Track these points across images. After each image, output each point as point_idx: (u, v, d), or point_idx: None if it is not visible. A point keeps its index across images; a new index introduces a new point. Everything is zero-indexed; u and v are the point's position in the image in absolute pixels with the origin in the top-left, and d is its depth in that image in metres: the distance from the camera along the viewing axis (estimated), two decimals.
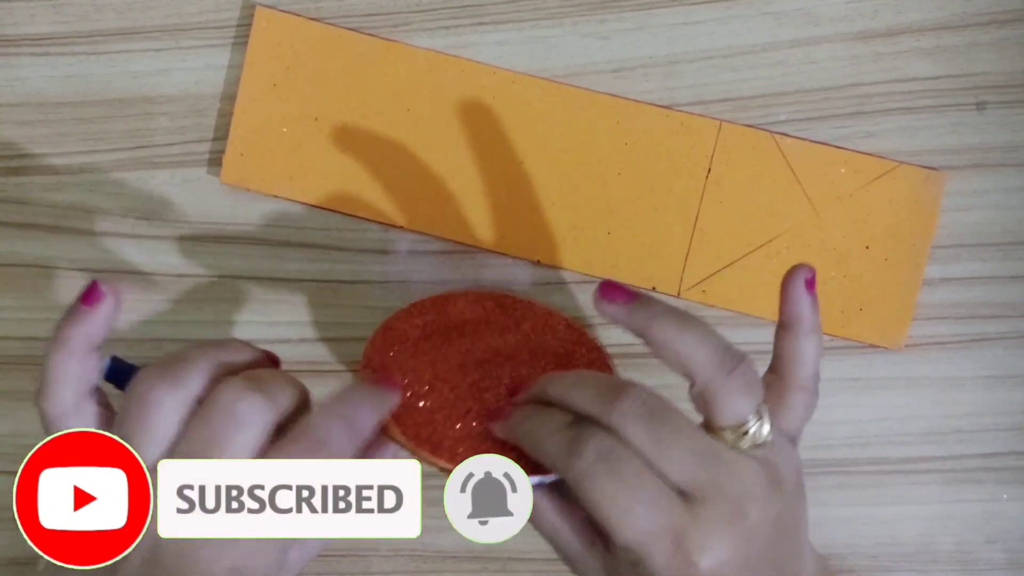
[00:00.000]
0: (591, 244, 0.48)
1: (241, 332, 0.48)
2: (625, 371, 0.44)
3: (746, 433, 0.37)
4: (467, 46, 0.48)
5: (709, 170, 0.48)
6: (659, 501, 0.35)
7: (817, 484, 0.48)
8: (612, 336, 0.48)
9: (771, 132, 0.48)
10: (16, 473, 0.48)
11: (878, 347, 0.48)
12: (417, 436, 0.38)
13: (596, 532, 0.41)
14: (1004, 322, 0.48)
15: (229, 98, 0.48)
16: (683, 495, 0.36)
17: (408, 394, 0.40)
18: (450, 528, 0.48)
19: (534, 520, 0.41)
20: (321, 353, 0.48)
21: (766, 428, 0.37)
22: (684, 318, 0.37)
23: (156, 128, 0.48)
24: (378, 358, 0.41)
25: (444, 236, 0.48)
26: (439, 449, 0.38)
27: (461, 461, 0.37)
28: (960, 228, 0.48)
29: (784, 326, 0.39)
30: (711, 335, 0.36)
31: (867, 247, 0.48)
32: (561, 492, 0.41)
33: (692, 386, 0.37)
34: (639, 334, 0.37)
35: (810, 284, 0.39)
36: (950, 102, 0.48)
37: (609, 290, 0.38)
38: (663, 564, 0.35)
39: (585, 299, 0.48)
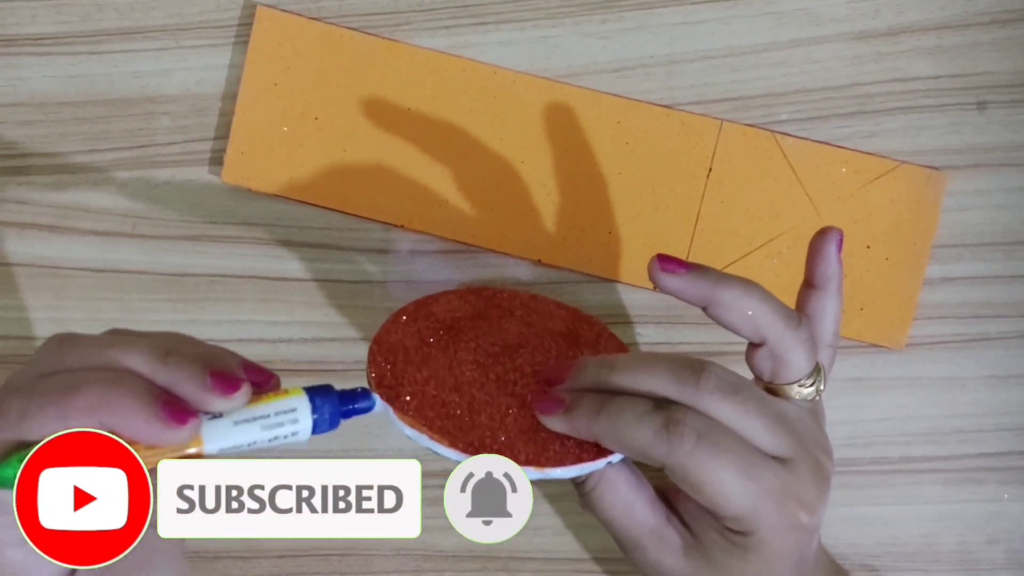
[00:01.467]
0: (592, 243, 0.48)
1: (241, 332, 0.48)
2: None
3: (808, 387, 0.39)
4: (468, 46, 0.48)
5: (710, 170, 0.48)
6: (761, 464, 0.37)
7: None
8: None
9: (772, 132, 0.48)
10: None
11: (879, 347, 0.48)
12: (469, 445, 0.38)
13: (671, 505, 0.41)
14: (1006, 322, 0.48)
15: (230, 97, 0.48)
16: (774, 458, 0.37)
17: (440, 404, 0.39)
18: (451, 528, 0.48)
19: (606, 501, 0.40)
20: (321, 353, 0.48)
21: (823, 383, 0.39)
22: (743, 281, 0.38)
23: (157, 128, 0.48)
24: (390, 375, 0.40)
25: (445, 236, 0.48)
26: (495, 453, 0.37)
27: (524, 457, 0.37)
28: (961, 228, 0.48)
29: (812, 284, 0.41)
30: (771, 295, 0.38)
31: (868, 247, 0.48)
32: (630, 468, 0.41)
33: (755, 347, 0.38)
34: (703, 301, 0.38)
35: (839, 245, 0.41)
36: (951, 102, 0.48)
37: (668, 262, 0.38)
38: (771, 524, 0.37)
39: (586, 298, 0.48)
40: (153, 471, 0.33)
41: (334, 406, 0.35)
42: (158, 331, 0.35)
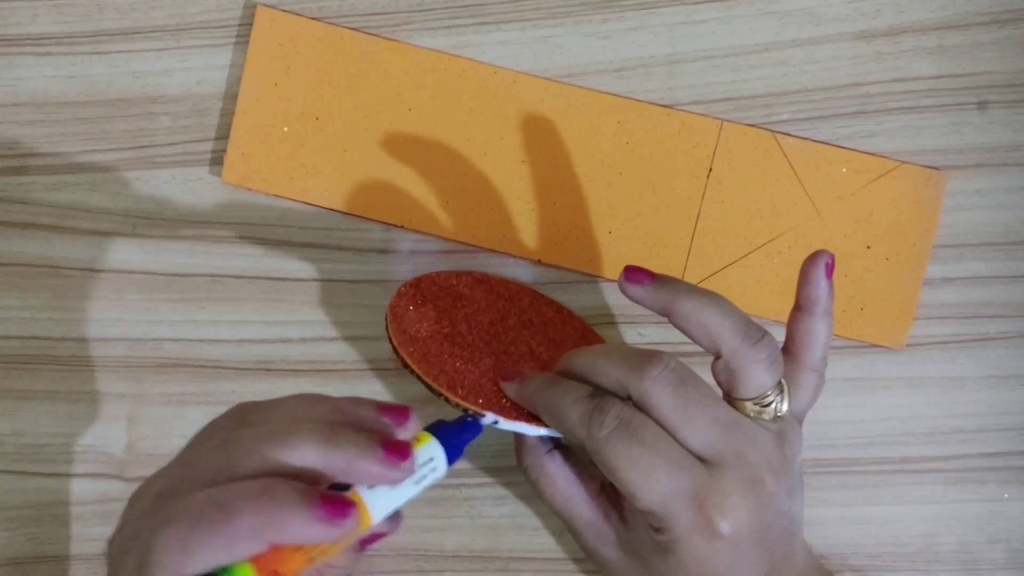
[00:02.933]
0: (592, 243, 0.48)
1: (241, 332, 0.48)
2: None
3: (767, 405, 0.39)
4: (469, 46, 0.48)
5: (710, 169, 0.48)
6: (680, 463, 0.37)
7: (819, 484, 0.48)
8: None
9: (773, 132, 0.48)
10: (15, 472, 0.48)
11: (880, 347, 0.48)
12: (447, 384, 0.40)
13: (610, 503, 0.42)
14: (1006, 322, 0.48)
15: (231, 98, 0.48)
16: (704, 461, 0.37)
17: (438, 352, 0.42)
18: (451, 527, 0.48)
19: (547, 491, 0.43)
20: (322, 353, 0.48)
21: (785, 402, 0.39)
22: (707, 293, 0.38)
23: (158, 128, 0.48)
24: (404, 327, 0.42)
25: (445, 236, 0.48)
26: (455, 387, 0.40)
27: (483, 402, 0.40)
28: (962, 228, 0.48)
29: (800, 307, 0.41)
30: (734, 309, 0.38)
31: (868, 247, 0.48)
32: (573, 463, 0.43)
33: (716, 359, 0.38)
34: (665, 311, 0.39)
35: (829, 269, 0.40)
36: (952, 102, 0.48)
37: (633, 273, 0.39)
38: (684, 526, 0.37)
39: (586, 298, 0.48)
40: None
41: (457, 441, 0.36)
42: (295, 399, 0.35)
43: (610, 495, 0.43)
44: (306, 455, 0.32)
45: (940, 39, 0.48)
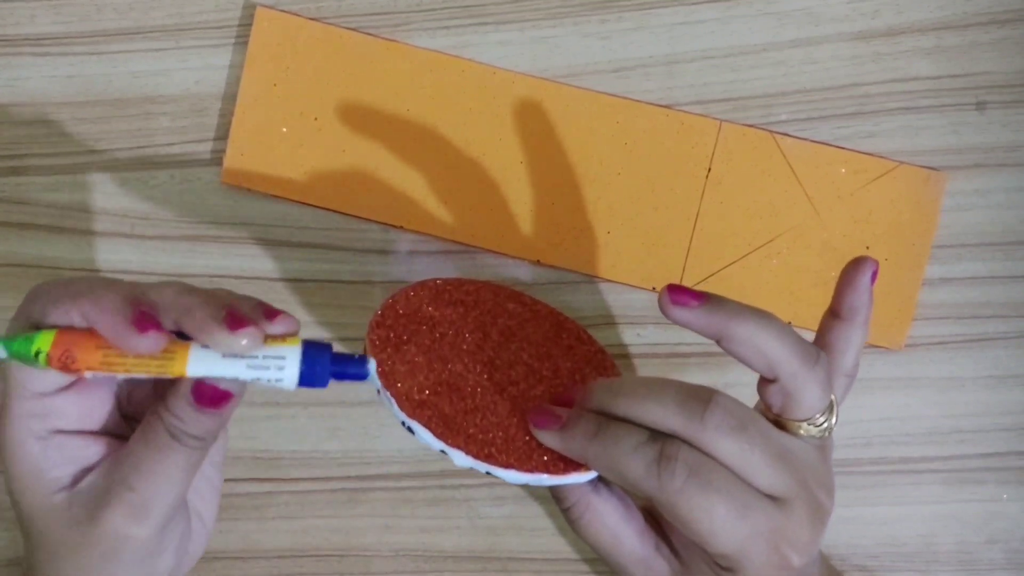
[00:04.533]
0: (591, 244, 0.48)
1: None
2: None
3: (820, 425, 0.38)
4: (468, 46, 0.48)
5: (709, 170, 0.48)
6: (754, 505, 0.36)
7: None
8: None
9: (772, 132, 0.48)
10: None
11: (879, 347, 0.48)
12: (463, 442, 0.38)
13: (659, 535, 0.41)
14: (1005, 322, 0.48)
15: (229, 98, 0.48)
16: (770, 497, 0.36)
17: (436, 399, 0.39)
18: (451, 528, 0.48)
19: (592, 529, 0.40)
20: None
21: (835, 417, 0.38)
22: (760, 314, 0.37)
23: (156, 128, 0.48)
24: (388, 363, 0.40)
25: (444, 236, 0.48)
26: (496, 457, 0.38)
27: (509, 460, 0.38)
28: (961, 228, 0.48)
29: (838, 314, 0.40)
30: (788, 330, 0.37)
31: (868, 247, 0.48)
32: (620, 497, 0.41)
33: (768, 381, 0.37)
34: (716, 335, 0.37)
35: (874, 276, 0.40)
36: (951, 102, 0.48)
37: (678, 294, 0.37)
38: (760, 566, 0.36)
39: (585, 298, 0.48)
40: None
41: (325, 364, 0.35)
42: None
43: (656, 528, 0.41)
44: (161, 294, 0.34)
45: (939, 39, 0.48)
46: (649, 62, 0.48)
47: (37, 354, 0.34)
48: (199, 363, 0.34)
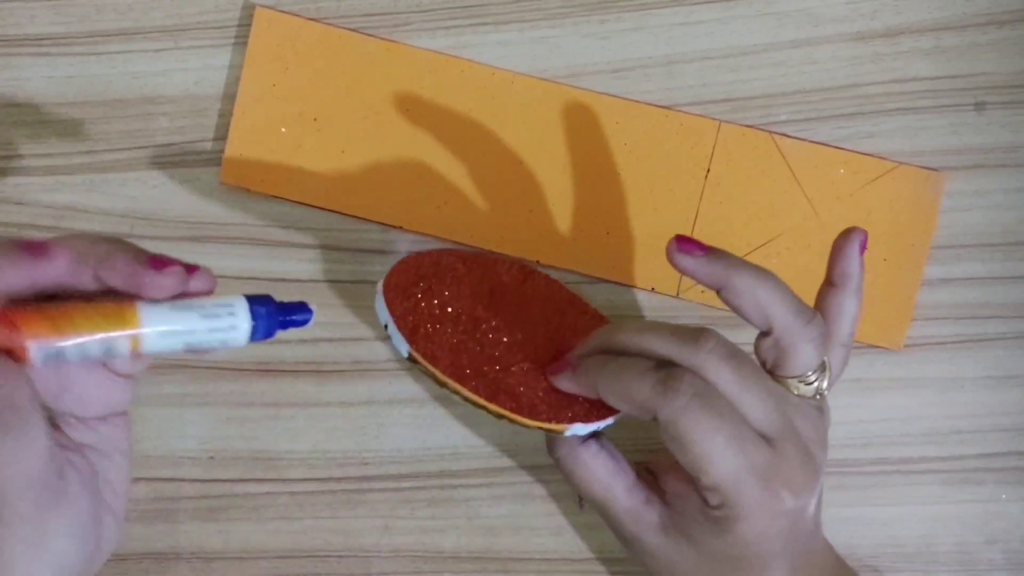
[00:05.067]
0: (590, 244, 0.48)
1: None
2: None
3: (811, 383, 0.39)
4: (467, 47, 0.48)
5: (708, 170, 0.48)
6: (751, 439, 0.37)
7: None
8: None
9: (771, 132, 0.48)
10: None
11: (878, 347, 0.48)
12: (487, 390, 0.40)
13: (650, 487, 0.42)
14: (1004, 322, 0.48)
15: (229, 98, 0.48)
16: (763, 436, 0.37)
17: (457, 349, 0.41)
18: (450, 528, 0.48)
19: (585, 480, 0.42)
20: (320, 354, 0.48)
21: (827, 380, 0.40)
22: (760, 269, 0.38)
23: (156, 128, 0.48)
24: (412, 317, 0.41)
25: (443, 236, 0.48)
26: (522, 408, 0.40)
27: (531, 410, 0.40)
28: (960, 229, 0.48)
29: (832, 282, 0.41)
30: (786, 287, 0.38)
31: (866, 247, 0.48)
32: (609, 451, 0.42)
33: (763, 336, 0.39)
34: (717, 285, 0.38)
35: (863, 246, 0.41)
36: (950, 102, 0.48)
37: (685, 243, 0.39)
38: (752, 502, 0.37)
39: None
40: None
41: (272, 313, 0.35)
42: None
43: (648, 481, 0.42)
44: (82, 241, 0.33)
45: (938, 40, 0.48)
46: (648, 63, 0.48)
47: None
48: (152, 315, 0.33)
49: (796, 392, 0.39)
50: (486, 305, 0.43)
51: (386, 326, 0.41)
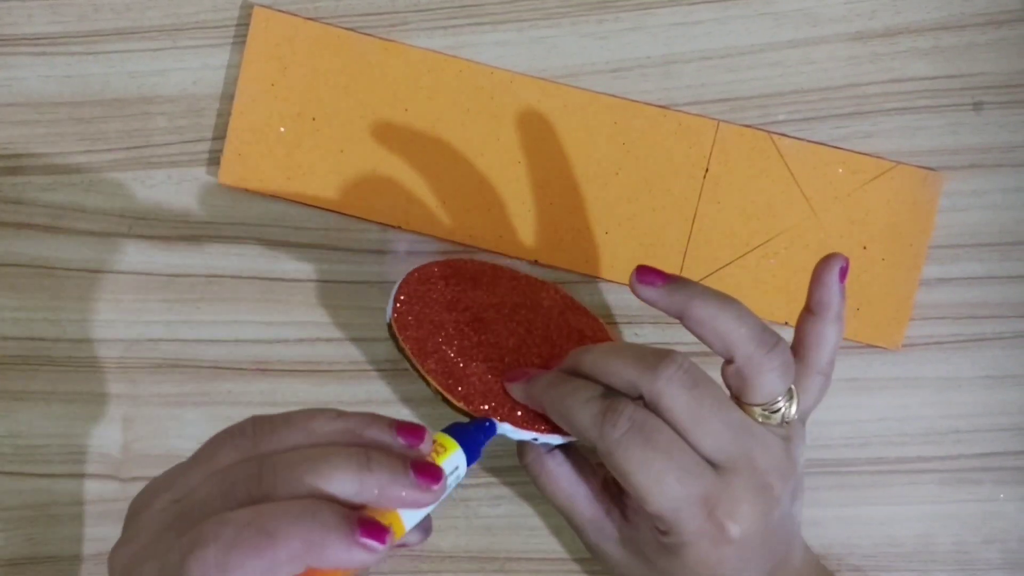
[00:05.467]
0: (589, 244, 0.48)
1: (238, 332, 0.48)
2: None
3: (776, 411, 0.38)
4: (465, 46, 0.48)
5: (707, 170, 0.48)
6: (692, 469, 0.37)
7: (815, 484, 0.48)
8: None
9: (769, 132, 0.48)
10: (11, 473, 0.48)
11: (876, 347, 0.48)
12: (463, 395, 0.41)
13: (612, 500, 0.42)
14: (1002, 322, 0.48)
15: (227, 98, 0.48)
16: (714, 465, 0.37)
17: (443, 356, 0.42)
18: (448, 528, 0.48)
19: (548, 489, 0.43)
20: (319, 353, 0.48)
21: (794, 408, 0.39)
22: (722, 297, 0.38)
23: (154, 128, 0.48)
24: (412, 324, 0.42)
25: (442, 236, 0.48)
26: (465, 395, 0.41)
27: (502, 414, 0.40)
28: (958, 228, 0.48)
29: (811, 310, 0.41)
30: (749, 314, 0.38)
31: (864, 247, 0.48)
32: (575, 461, 0.43)
33: (728, 363, 0.38)
34: (678, 314, 0.38)
35: (843, 273, 0.40)
36: (948, 102, 0.48)
37: (645, 273, 0.39)
38: (694, 530, 0.37)
39: (583, 298, 0.48)
40: None
41: (475, 444, 0.37)
42: (349, 414, 0.34)
43: (612, 492, 0.42)
44: (342, 482, 0.32)
45: (936, 40, 0.48)
46: (647, 62, 0.48)
47: None
48: (406, 517, 0.33)
49: (761, 420, 0.38)
50: (503, 316, 0.44)
51: (392, 296, 0.42)
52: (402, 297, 0.42)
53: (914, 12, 0.48)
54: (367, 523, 0.31)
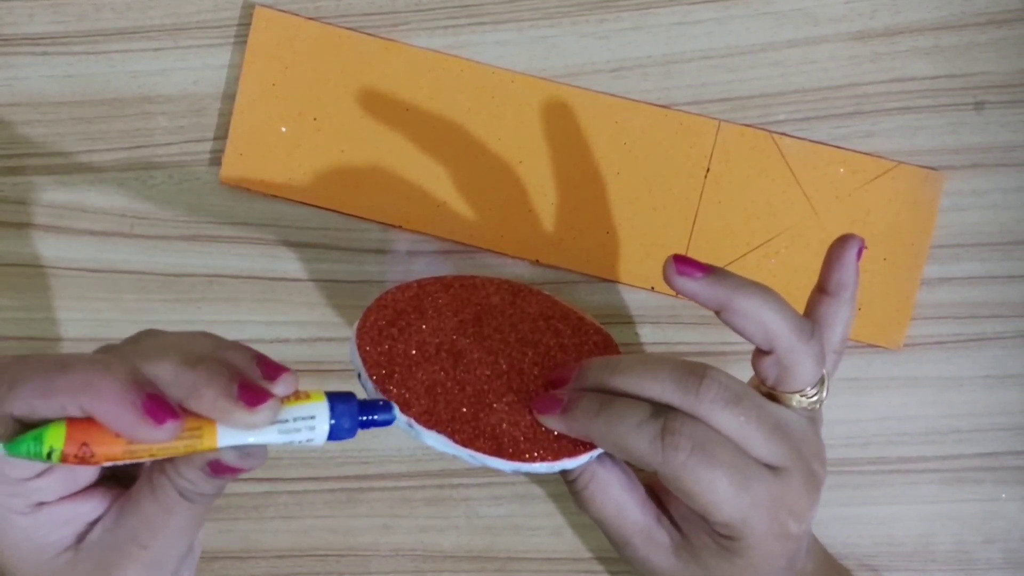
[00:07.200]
0: (590, 243, 0.48)
1: (239, 332, 0.48)
2: None
3: (811, 397, 0.39)
4: (466, 46, 0.48)
5: (708, 170, 0.48)
6: (755, 475, 0.37)
7: None
8: None
9: (770, 132, 0.48)
10: None
11: (877, 347, 0.48)
12: (466, 437, 0.38)
13: (660, 505, 0.41)
14: (1003, 322, 0.48)
15: (228, 98, 0.48)
16: (768, 467, 0.37)
17: (435, 396, 0.39)
18: (449, 528, 0.48)
19: (597, 500, 0.40)
20: (320, 353, 0.48)
21: (825, 390, 0.40)
22: (762, 288, 0.38)
23: (155, 128, 0.48)
24: (385, 366, 0.39)
25: (443, 236, 0.48)
26: (503, 449, 0.38)
27: (513, 452, 0.38)
28: (959, 228, 0.48)
29: (825, 290, 0.41)
30: (786, 304, 0.38)
31: (865, 247, 0.48)
32: (622, 468, 0.41)
33: (763, 353, 0.38)
34: (718, 307, 0.38)
35: (859, 253, 0.40)
36: (949, 102, 0.48)
37: (685, 265, 0.38)
38: (760, 532, 0.37)
39: (584, 298, 0.48)
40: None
41: (354, 415, 0.34)
42: (189, 332, 0.35)
43: (657, 500, 0.41)
44: (162, 368, 0.32)
45: (937, 39, 0.48)
46: (647, 62, 0.48)
47: (50, 453, 0.31)
48: (228, 434, 0.32)
49: (795, 405, 0.39)
50: (471, 334, 0.41)
51: (359, 375, 0.39)
52: (382, 365, 0.39)
53: (915, 11, 0.48)
54: (155, 398, 0.31)
